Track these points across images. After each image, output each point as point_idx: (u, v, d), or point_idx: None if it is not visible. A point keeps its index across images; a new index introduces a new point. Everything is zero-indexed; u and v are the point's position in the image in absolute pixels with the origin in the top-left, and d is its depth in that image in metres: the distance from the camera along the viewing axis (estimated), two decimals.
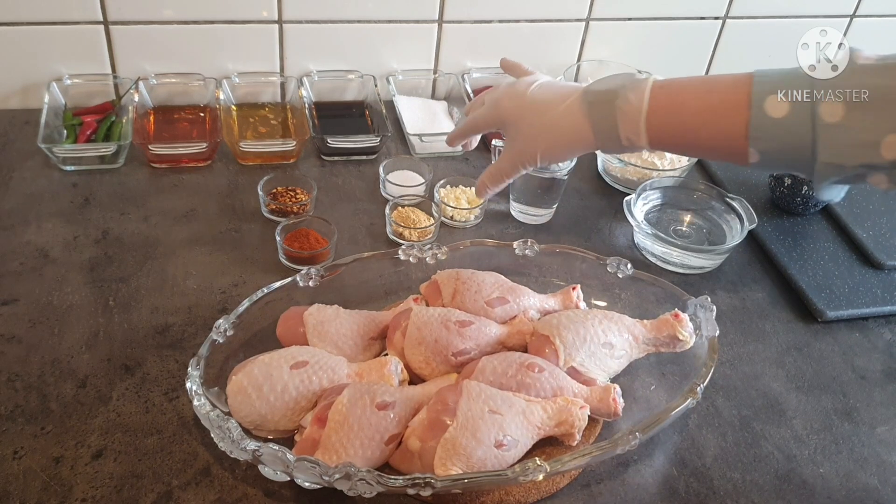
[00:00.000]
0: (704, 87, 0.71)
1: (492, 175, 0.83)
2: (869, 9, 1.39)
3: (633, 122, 0.72)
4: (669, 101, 0.71)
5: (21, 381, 0.78)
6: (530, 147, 0.79)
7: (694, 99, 0.70)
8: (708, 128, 0.70)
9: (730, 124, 0.68)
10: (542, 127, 0.78)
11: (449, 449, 0.68)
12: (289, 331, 0.80)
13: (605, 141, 0.75)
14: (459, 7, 1.21)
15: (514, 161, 0.81)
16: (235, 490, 0.71)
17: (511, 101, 0.81)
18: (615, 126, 0.73)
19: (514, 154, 0.80)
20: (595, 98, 0.74)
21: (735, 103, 0.67)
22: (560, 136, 0.77)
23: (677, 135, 0.72)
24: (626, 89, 0.72)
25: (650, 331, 0.83)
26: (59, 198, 1.01)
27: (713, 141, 0.70)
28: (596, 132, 0.75)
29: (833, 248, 1.06)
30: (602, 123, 0.74)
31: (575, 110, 0.75)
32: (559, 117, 0.76)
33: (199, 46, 1.16)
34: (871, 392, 0.89)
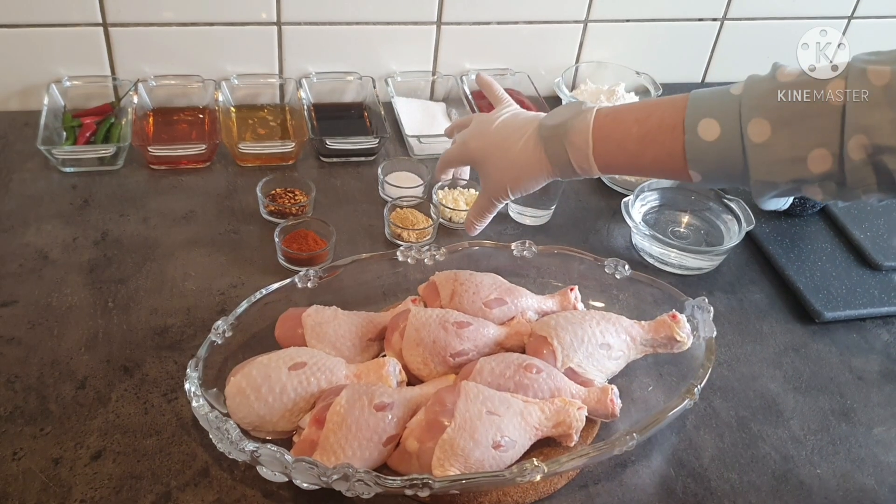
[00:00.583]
0: (644, 112, 0.74)
1: (475, 213, 0.91)
2: (867, 10, 1.39)
3: (582, 154, 0.77)
4: (612, 130, 0.75)
5: (20, 382, 0.78)
6: (500, 183, 0.84)
7: (635, 124, 0.74)
8: (649, 152, 0.73)
9: (669, 148, 0.71)
10: (507, 164, 0.83)
11: (447, 450, 0.68)
12: (287, 332, 0.80)
13: (562, 171, 0.80)
14: (458, 9, 1.21)
15: (489, 197, 0.87)
16: (234, 491, 0.71)
17: (477, 141, 0.87)
18: (567, 158, 0.78)
19: (488, 191, 0.86)
20: (547, 133, 0.79)
21: (671, 128, 0.70)
22: (523, 171, 0.82)
23: (623, 160, 0.76)
24: (573, 121, 0.77)
25: (648, 332, 0.83)
26: (58, 199, 1.01)
27: (657, 164, 0.73)
28: (553, 164, 0.80)
29: (830, 249, 1.06)
30: (556, 157, 0.79)
31: (531, 146, 0.81)
32: (519, 153, 0.82)
33: (199, 48, 1.16)
34: (868, 393, 0.89)
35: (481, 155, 0.86)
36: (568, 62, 1.33)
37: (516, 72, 1.29)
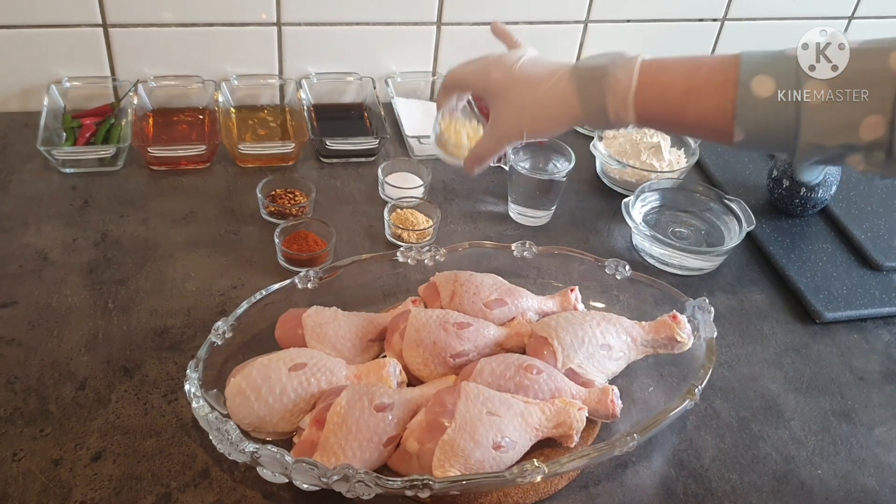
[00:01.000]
0: (692, 65, 0.71)
1: (479, 152, 0.83)
2: (867, 10, 1.39)
3: (622, 98, 0.73)
4: (657, 78, 0.72)
5: (20, 383, 0.78)
6: (516, 121, 0.78)
7: (682, 76, 0.71)
8: (694, 105, 0.71)
9: (716, 103, 0.69)
10: (530, 101, 0.78)
11: (447, 450, 0.68)
12: (287, 333, 0.80)
13: (592, 115, 0.76)
14: (458, 9, 1.21)
15: (498, 136, 0.80)
16: (234, 492, 0.71)
17: (500, 72, 0.80)
18: (603, 101, 0.74)
19: (498, 129, 0.80)
20: (584, 74, 0.75)
21: (722, 82, 0.68)
22: (547, 111, 0.77)
23: (664, 111, 0.73)
24: (615, 66, 0.73)
25: (648, 332, 0.83)
26: (58, 200, 1.01)
27: (699, 119, 0.71)
28: (584, 106, 0.75)
29: (831, 249, 1.06)
30: (590, 98, 0.75)
31: (564, 85, 0.76)
32: (547, 91, 0.77)
33: (198, 49, 1.16)
34: (869, 393, 0.89)
35: (502, 86, 0.79)
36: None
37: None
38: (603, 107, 0.74)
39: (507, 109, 0.79)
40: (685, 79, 0.71)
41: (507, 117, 0.79)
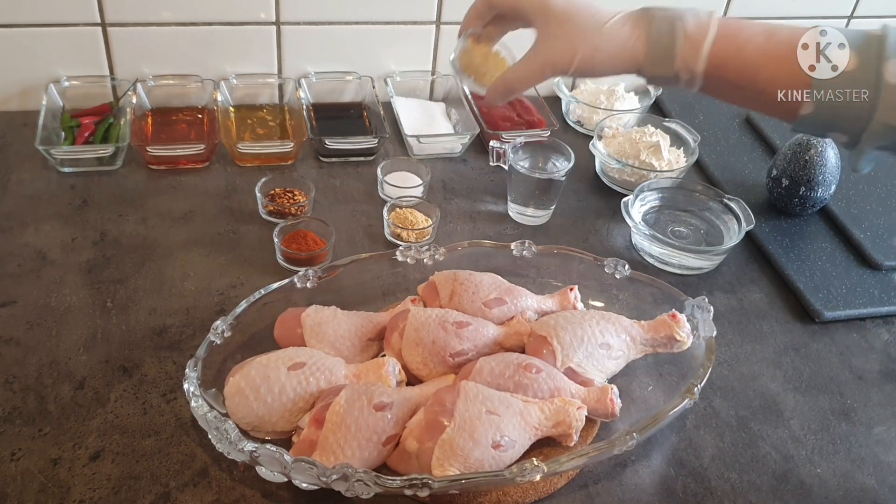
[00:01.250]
0: (770, 29, 0.70)
1: (511, 79, 0.76)
2: (866, 10, 1.39)
3: (696, 45, 0.69)
4: (736, 33, 0.70)
5: (19, 382, 0.78)
6: (569, 49, 0.71)
7: (761, 37, 0.69)
8: (771, 66, 0.68)
9: (794, 67, 0.67)
10: (591, 29, 0.71)
11: (446, 450, 0.68)
12: (286, 332, 0.80)
13: (656, 60, 0.71)
14: (457, 8, 1.21)
15: (543, 63, 0.73)
16: (233, 491, 0.71)
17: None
18: (673, 46, 0.70)
19: (546, 54, 0.72)
20: (657, 13, 0.71)
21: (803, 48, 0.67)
22: (608, 44, 0.71)
23: (737, 68, 0.70)
24: (690, 13, 0.70)
25: (648, 331, 0.83)
26: (57, 199, 1.01)
27: (772, 82, 0.69)
28: (651, 48, 0.70)
29: (830, 248, 1.06)
30: (659, 42, 0.70)
31: (629, 24, 0.71)
32: (612, 24, 0.71)
33: (197, 48, 1.16)
34: (868, 392, 0.89)
35: (560, 7, 0.72)
36: None
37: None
38: (671, 51, 0.70)
39: (561, 34, 0.72)
40: (764, 39, 0.69)
41: (560, 43, 0.72)
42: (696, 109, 1.32)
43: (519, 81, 0.76)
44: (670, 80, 0.72)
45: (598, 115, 1.24)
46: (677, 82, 0.72)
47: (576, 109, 1.28)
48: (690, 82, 0.72)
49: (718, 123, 1.30)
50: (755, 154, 1.24)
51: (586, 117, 1.26)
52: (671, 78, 0.72)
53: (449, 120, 1.23)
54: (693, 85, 0.72)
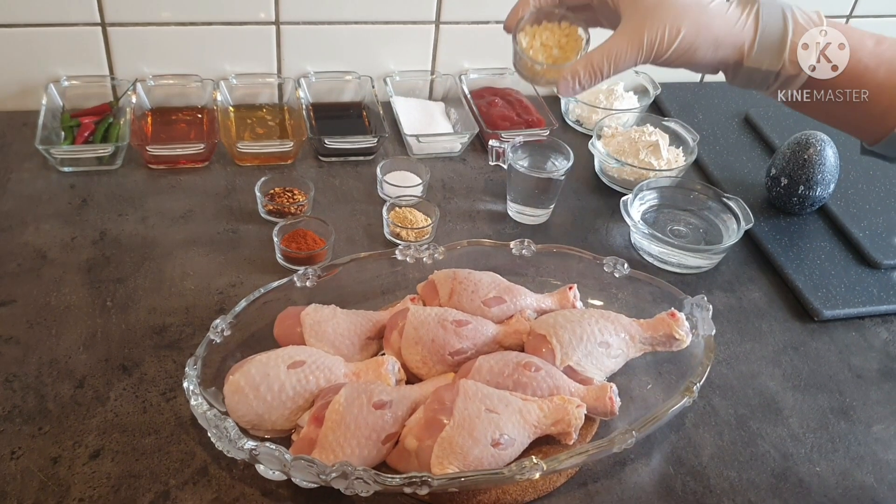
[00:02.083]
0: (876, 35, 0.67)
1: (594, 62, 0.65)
2: (865, 9, 1.39)
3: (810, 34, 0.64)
4: (846, 31, 0.66)
5: (19, 381, 0.78)
6: (672, 26, 0.62)
7: (870, 39, 0.66)
8: (882, 70, 0.65)
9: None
10: (695, 6, 0.63)
11: (445, 448, 0.68)
12: (286, 331, 0.80)
13: (764, 48, 0.65)
14: (456, 8, 1.21)
15: (638, 41, 0.63)
16: (233, 489, 0.71)
17: None
18: (785, 35, 0.64)
19: (641, 32, 0.63)
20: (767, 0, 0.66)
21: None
22: (715, 23, 0.63)
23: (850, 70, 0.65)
24: (796, 7, 0.66)
25: (647, 330, 0.83)
26: (56, 199, 1.01)
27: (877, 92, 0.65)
28: (761, 33, 0.64)
29: (829, 247, 1.06)
30: (772, 25, 0.64)
31: (742, 3, 0.65)
32: (719, 4, 0.64)
33: (197, 48, 1.16)
34: (867, 391, 0.89)
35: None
36: None
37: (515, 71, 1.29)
38: (783, 40, 0.64)
39: (660, 10, 0.63)
40: (874, 42, 0.66)
41: (659, 19, 0.63)
42: (695, 109, 1.33)
43: (609, 62, 0.65)
44: (768, 78, 0.66)
45: (597, 114, 1.24)
46: (775, 81, 0.67)
47: (575, 109, 1.28)
48: (789, 81, 0.66)
49: (717, 123, 1.30)
50: (754, 153, 1.24)
51: (585, 117, 1.27)
52: (772, 74, 0.66)
53: (448, 119, 1.24)
54: (791, 85, 0.67)
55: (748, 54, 0.65)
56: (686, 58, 0.65)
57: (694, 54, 0.64)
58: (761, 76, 0.67)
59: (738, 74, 0.67)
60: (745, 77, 0.67)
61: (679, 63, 0.65)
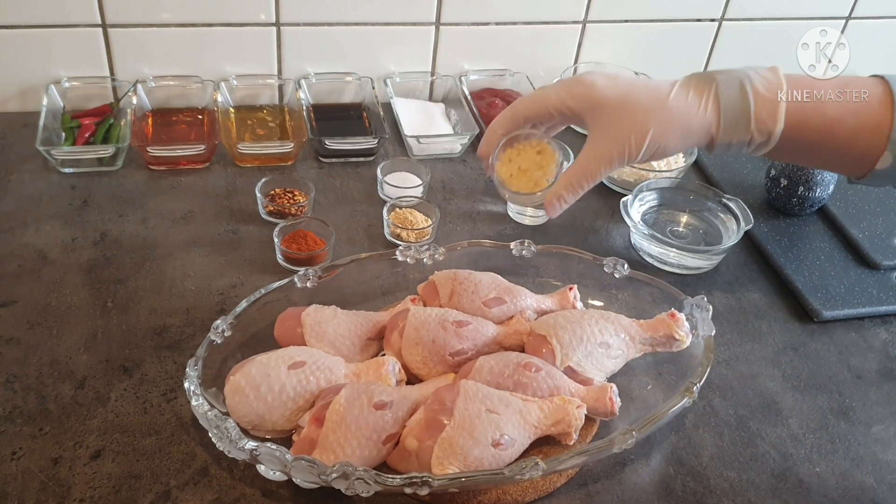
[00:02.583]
0: (840, 82, 0.67)
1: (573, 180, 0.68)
2: (865, 10, 1.40)
3: (770, 106, 0.65)
4: (808, 87, 0.66)
5: (19, 382, 0.78)
6: (638, 130, 0.64)
7: (832, 89, 0.66)
8: (850, 120, 0.65)
9: (874, 121, 0.65)
10: (655, 107, 0.65)
11: (446, 448, 0.68)
12: (286, 331, 0.81)
13: (730, 124, 0.66)
14: (457, 9, 1.22)
15: (609, 152, 0.65)
16: (233, 490, 0.71)
17: (607, 79, 0.66)
18: (748, 108, 0.65)
19: (611, 143, 0.65)
20: (722, 76, 0.66)
21: (878, 101, 0.65)
22: (678, 119, 0.65)
23: (816, 124, 0.66)
24: (752, 71, 0.66)
25: (647, 330, 0.83)
26: (57, 200, 1.01)
27: (853, 137, 0.66)
28: (724, 114, 0.65)
29: (829, 248, 1.06)
30: (731, 106, 0.65)
31: (692, 92, 0.66)
32: (676, 96, 0.65)
33: (198, 49, 1.16)
34: (866, 391, 0.89)
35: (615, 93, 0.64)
36: (567, 63, 1.33)
37: (515, 72, 1.30)
38: (746, 115, 0.65)
39: (624, 118, 0.65)
40: (837, 93, 0.66)
41: (625, 127, 0.65)
42: None
43: (586, 178, 0.68)
44: (741, 146, 0.68)
45: None
46: (748, 147, 0.68)
47: None
48: (763, 145, 0.68)
49: None
50: None
51: None
52: (743, 143, 0.67)
53: (448, 120, 1.24)
54: (764, 147, 0.68)
55: (716, 134, 0.67)
56: (659, 153, 0.68)
57: (665, 149, 0.67)
58: (735, 147, 0.68)
59: (712, 149, 0.69)
60: (720, 150, 0.69)
61: (654, 159, 0.68)
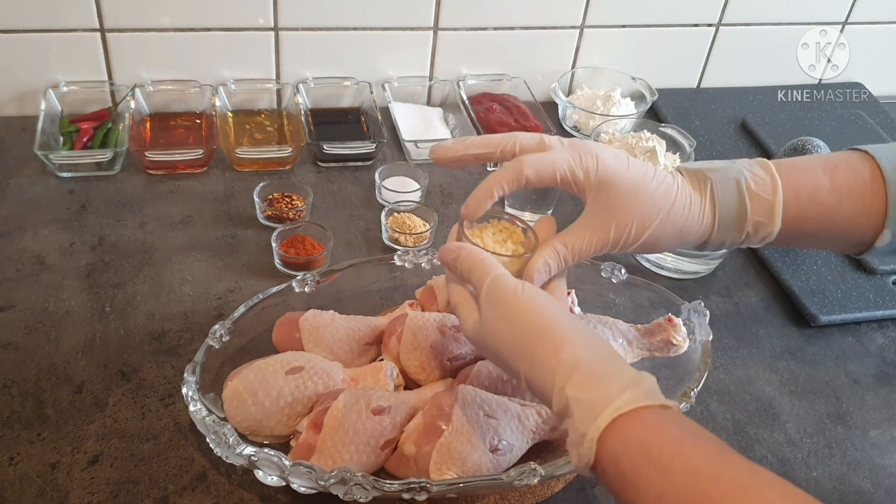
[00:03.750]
0: (828, 163, 0.65)
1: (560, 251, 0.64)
2: (861, 16, 1.40)
3: (766, 205, 0.63)
4: (799, 178, 0.64)
5: (17, 387, 0.78)
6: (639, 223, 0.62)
7: (823, 175, 0.64)
8: (846, 205, 0.64)
9: (867, 203, 0.63)
10: (663, 201, 0.62)
11: (444, 454, 0.68)
12: (284, 336, 0.81)
13: (725, 228, 0.64)
14: (455, 14, 1.22)
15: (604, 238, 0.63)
16: (231, 495, 0.71)
17: (617, 161, 0.63)
18: (744, 208, 0.63)
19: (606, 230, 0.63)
20: (714, 176, 0.64)
21: (870, 179, 0.63)
22: (679, 217, 0.63)
23: (814, 215, 0.64)
24: (744, 166, 0.64)
25: (644, 335, 0.84)
26: (55, 204, 1.01)
27: (850, 222, 0.64)
28: (720, 216, 0.63)
29: (826, 253, 1.07)
30: (729, 207, 0.63)
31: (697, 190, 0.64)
32: (680, 195, 0.63)
33: (196, 53, 1.17)
34: (863, 396, 0.89)
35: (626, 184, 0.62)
36: (564, 67, 1.33)
37: (513, 77, 1.30)
38: (742, 216, 0.63)
39: (630, 210, 0.62)
40: (829, 178, 0.64)
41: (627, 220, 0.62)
42: (691, 115, 1.33)
43: (574, 254, 0.64)
44: (734, 243, 0.67)
45: (594, 120, 1.24)
46: (742, 244, 0.67)
47: (572, 115, 1.28)
48: (759, 242, 0.66)
49: (714, 128, 1.31)
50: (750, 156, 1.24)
51: (583, 122, 1.27)
52: (737, 242, 0.66)
53: (446, 125, 1.24)
54: (761, 243, 0.67)
55: (710, 236, 0.66)
56: (649, 248, 0.65)
57: (657, 245, 0.65)
58: (728, 244, 0.67)
59: (705, 248, 0.68)
60: (711, 249, 0.68)
61: (642, 252, 0.67)
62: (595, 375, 0.54)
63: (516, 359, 0.58)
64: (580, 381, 0.54)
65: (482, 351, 0.63)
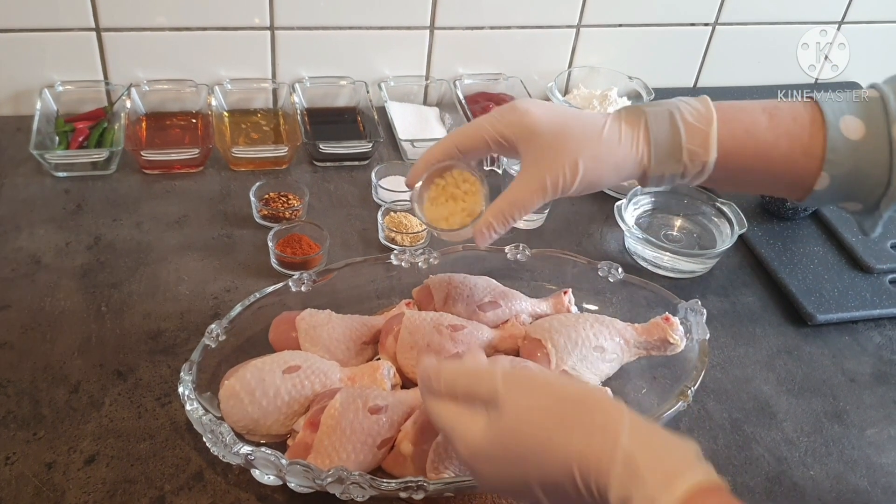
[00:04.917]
0: (770, 105, 0.66)
1: (503, 211, 0.66)
2: (858, 15, 1.40)
3: (701, 136, 0.65)
4: (737, 114, 0.65)
5: (13, 386, 0.78)
6: (570, 163, 0.64)
7: (762, 114, 0.65)
8: (783, 143, 0.65)
9: (805, 144, 0.64)
10: (588, 139, 0.65)
11: (441, 453, 0.68)
12: (281, 335, 0.80)
13: (662, 158, 0.66)
14: (451, 14, 1.22)
15: (541, 183, 0.65)
16: (228, 494, 0.71)
17: (541, 108, 0.66)
18: (679, 140, 0.65)
19: (543, 174, 0.65)
20: (651, 109, 0.66)
21: (810, 121, 0.64)
22: (611, 152, 0.65)
23: (751, 150, 0.65)
24: (682, 102, 0.66)
25: (641, 334, 0.84)
26: (51, 204, 1.01)
27: (787, 161, 0.65)
28: (654, 147, 0.65)
29: (822, 252, 1.07)
30: (662, 139, 0.65)
31: (622, 127, 0.66)
32: (609, 129, 0.66)
33: (192, 53, 1.16)
34: (860, 395, 0.89)
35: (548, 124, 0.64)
36: (561, 67, 1.33)
37: (509, 76, 1.30)
38: (678, 146, 0.65)
39: (558, 149, 0.64)
40: (767, 117, 0.65)
41: (558, 159, 0.64)
42: None
43: (517, 209, 0.66)
44: (674, 178, 0.68)
45: None
46: (682, 178, 0.68)
47: None
48: (698, 175, 0.67)
49: None
50: None
51: None
52: (676, 175, 0.67)
53: (443, 124, 1.24)
54: (700, 177, 0.68)
55: (648, 167, 0.67)
56: (592, 187, 0.67)
57: (598, 183, 0.66)
58: (668, 178, 0.68)
59: (646, 182, 0.69)
60: (654, 182, 0.69)
61: (588, 192, 0.68)
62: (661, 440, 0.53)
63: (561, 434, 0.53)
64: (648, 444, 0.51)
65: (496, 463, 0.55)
